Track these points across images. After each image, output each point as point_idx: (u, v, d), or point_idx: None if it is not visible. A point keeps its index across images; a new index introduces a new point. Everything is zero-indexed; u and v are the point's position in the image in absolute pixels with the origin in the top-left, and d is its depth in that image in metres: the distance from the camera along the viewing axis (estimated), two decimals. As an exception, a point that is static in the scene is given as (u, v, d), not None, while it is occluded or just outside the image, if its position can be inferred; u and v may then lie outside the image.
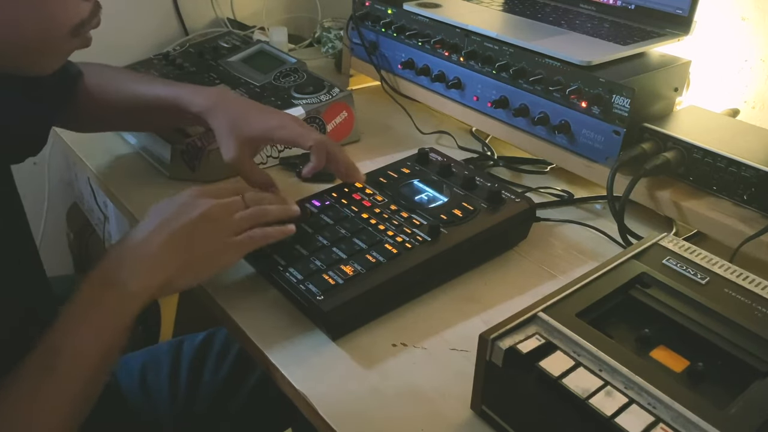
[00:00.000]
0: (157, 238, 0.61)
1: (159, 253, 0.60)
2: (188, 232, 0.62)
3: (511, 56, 0.91)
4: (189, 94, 0.81)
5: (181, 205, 0.63)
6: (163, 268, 0.60)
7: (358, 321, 0.66)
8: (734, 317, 0.54)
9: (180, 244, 0.61)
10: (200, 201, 0.64)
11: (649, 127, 0.82)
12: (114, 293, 0.57)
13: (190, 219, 0.62)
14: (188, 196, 0.65)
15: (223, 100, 0.80)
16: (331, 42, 1.35)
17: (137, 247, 0.60)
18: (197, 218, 0.62)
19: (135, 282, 0.58)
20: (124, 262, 0.59)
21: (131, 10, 1.41)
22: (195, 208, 0.63)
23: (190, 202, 0.64)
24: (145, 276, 0.59)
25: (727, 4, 0.94)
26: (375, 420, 0.57)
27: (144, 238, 0.61)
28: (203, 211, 0.63)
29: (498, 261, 0.77)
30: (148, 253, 0.60)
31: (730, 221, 0.75)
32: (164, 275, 0.60)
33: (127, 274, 0.58)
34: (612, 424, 0.45)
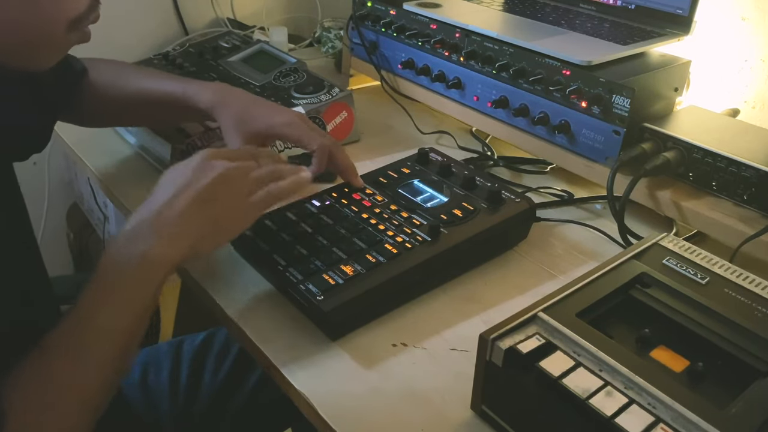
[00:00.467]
0: (178, 203, 0.60)
1: (181, 218, 0.59)
2: (208, 195, 0.61)
3: (511, 56, 0.91)
4: (196, 89, 0.81)
5: (196, 169, 0.62)
6: (186, 233, 0.59)
7: (358, 321, 0.66)
8: (734, 317, 0.54)
9: (201, 207, 0.60)
10: (215, 163, 0.63)
11: (649, 127, 0.82)
12: (137, 262, 0.56)
13: (208, 181, 0.61)
14: (201, 159, 0.64)
15: (228, 95, 0.80)
16: (331, 42, 1.35)
17: (158, 214, 0.59)
18: (215, 180, 0.62)
19: (158, 249, 0.57)
20: (145, 229, 0.58)
21: (131, 10, 1.41)
22: (211, 170, 0.62)
23: (205, 165, 0.63)
24: (168, 242, 0.58)
25: (727, 4, 0.94)
26: (375, 420, 0.57)
27: (164, 204, 0.60)
28: (220, 172, 0.62)
29: (498, 261, 0.77)
30: (169, 219, 0.59)
31: (730, 221, 0.75)
32: (187, 240, 0.59)
33: (150, 242, 0.57)
34: (612, 424, 0.45)
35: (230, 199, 0.63)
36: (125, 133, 1.00)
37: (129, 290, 0.56)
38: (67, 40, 0.59)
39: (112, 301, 0.55)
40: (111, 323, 0.55)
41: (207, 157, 0.64)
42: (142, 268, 0.57)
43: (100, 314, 0.54)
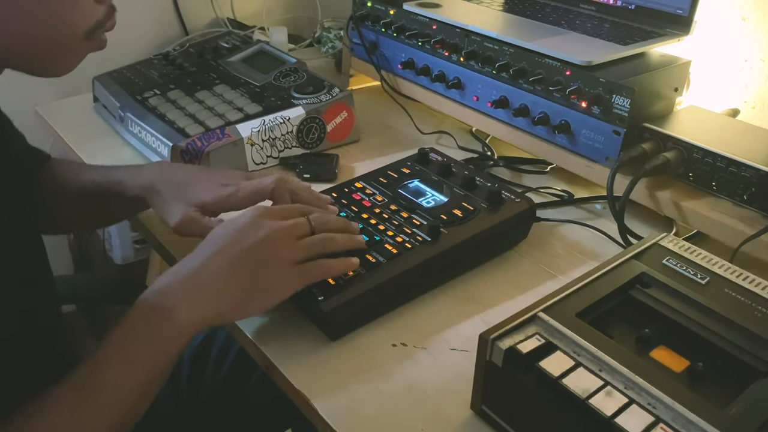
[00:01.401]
0: (215, 266, 0.57)
1: (215, 283, 0.56)
2: (249, 259, 0.58)
3: (511, 56, 0.91)
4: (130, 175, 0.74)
5: (242, 228, 0.59)
6: (219, 300, 0.56)
7: (358, 321, 0.66)
8: (734, 317, 0.54)
9: (239, 272, 0.57)
10: (263, 223, 0.60)
11: (649, 127, 0.82)
12: (162, 326, 0.54)
13: (251, 243, 0.58)
14: (251, 217, 0.60)
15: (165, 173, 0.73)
16: (331, 42, 1.35)
17: (192, 276, 0.56)
18: (259, 242, 0.58)
19: (186, 314, 0.54)
20: (175, 291, 0.55)
21: (131, 10, 1.41)
22: (257, 231, 0.59)
23: (253, 224, 0.60)
24: (198, 308, 0.55)
25: (727, 4, 0.94)
26: (375, 420, 0.57)
27: (200, 266, 0.57)
28: (266, 234, 0.59)
29: (498, 261, 0.77)
30: (203, 283, 0.56)
31: (730, 221, 0.75)
32: (219, 308, 0.56)
33: (178, 306, 0.54)
34: (612, 424, 0.45)
35: (272, 264, 0.59)
36: (125, 134, 1.00)
37: (148, 350, 0.54)
38: (84, 48, 0.59)
39: (129, 358, 0.53)
40: (124, 380, 0.52)
41: (258, 215, 0.60)
42: (168, 328, 0.54)
43: (111, 374, 0.52)
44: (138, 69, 1.10)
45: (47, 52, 0.58)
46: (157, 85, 1.04)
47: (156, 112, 0.97)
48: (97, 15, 0.58)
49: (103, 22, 0.59)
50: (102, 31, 0.60)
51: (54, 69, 0.60)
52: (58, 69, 0.60)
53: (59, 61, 0.60)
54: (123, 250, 1.52)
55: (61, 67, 0.60)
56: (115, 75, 1.08)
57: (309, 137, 0.98)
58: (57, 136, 1.05)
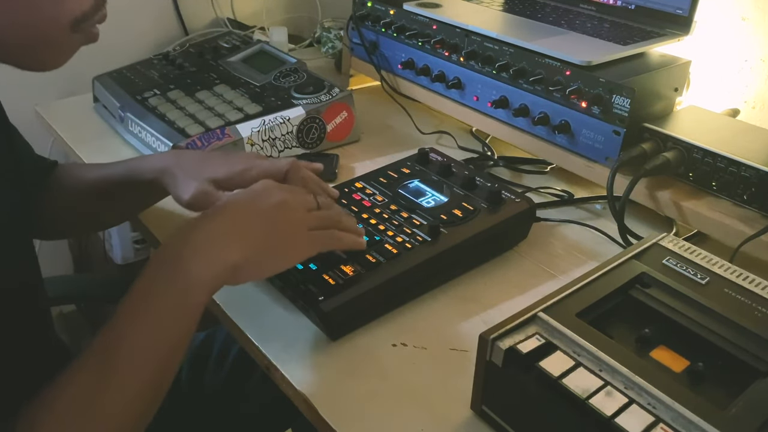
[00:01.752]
0: (231, 223, 0.56)
1: (231, 238, 0.56)
2: (265, 219, 0.58)
3: (511, 56, 0.91)
4: (142, 161, 0.76)
5: (258, 193, 0.60)
6: (234, 255, 0.55)
7: (358, 321, 0.66)
8: (734, 317, 0.54)
9: (255, 230, 0.57)
10: (277, 191, 0.61)
11: (649, 127, 0.82)
12: (178, 280, 0.53)
13: (267, 206, 0.59)
14: (263, 186, 0.61)
15: (177, 157, 0.74)
16: (331, 42, 1.35)
17: (208, 231, 0.55)
18: (275, 206, 0.59)
19: (202, 268, 0.53)
20: (191, 244, 0.54)
21: (131, 10, 1.41)
22: (273, 195, 0.60)
23: (267, 191, 0.61)
24: (214, 262, 0.54)
25: (727, 4, 0.94)
26: (375, 420, 0.57)
27: (217, 222, 0.56)
28: (281, 198, 0.60)
29: (498, 261, 0.77)
30: (219, 237, 0.55)
31: (730, 221, 0.75)
32: (230, 263, 0.55)
33: (194, 259, 0.53)
34: (612, 424, 0.45)
35: (288, 226, 0.60)
36: (125, 134, 1.00)
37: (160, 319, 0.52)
38: (72, 41, 0.59)
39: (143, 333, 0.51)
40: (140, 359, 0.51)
41: (270, 186, 0.62)
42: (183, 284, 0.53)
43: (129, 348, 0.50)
44: (138, 69, 1.10)
45: (34, 45, 0.57)
46: (157, 85, 1.04)
47: (156, 112, 0.97)
48: (83, 6, 0.57)
49: (91, 13, 0.58)
50: (92, 22, 0.59)
51: (44, 62, 0.59)
52: (48, 62, 0.59)
53: (47, 53, 0.59)
54: (123, 250, 1.52)
55: (51, 60, 0.59)
56: (115, 75, 1.08)
57: (309, 137, 0.98)
58: (57, 136, 1.05)
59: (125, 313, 0.52)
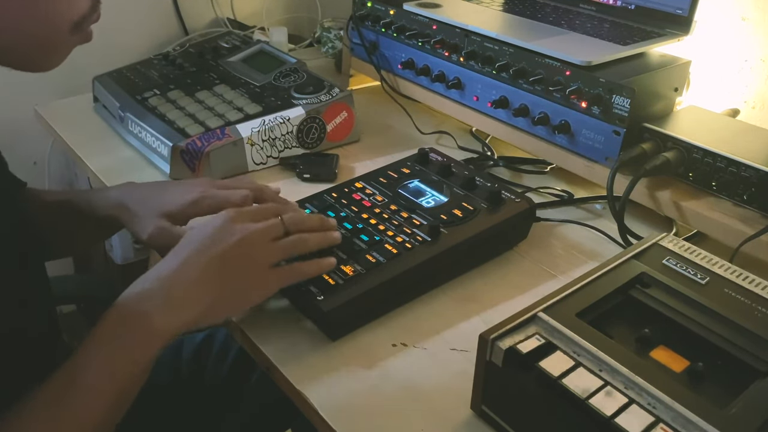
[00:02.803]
0: (189, 271, 0.57)
1: (190, 290, 0.56)
2: (223, 263, 0.58)
3: (511, 56, 0.91)
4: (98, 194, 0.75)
5: (216, 231, 0.59)
6: (194, 305, 0.56)
7: (358, 321, 0.66)
8: (734, 317, 0.54)
9: (213, 276, 0.57)
10: (236, 227, 0.60)
11: (649, 127, 0.82)
12: (137, 330, 0.54)
13: (224, 247, 0.58)
14: (223, 220, 0.60)
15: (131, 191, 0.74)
16: (331, 42, 1.35)
17: (166, 281, 0.56)
18: (233, 246, 0.58)
19: (161, 319, 0.54)
20: (151, 296, 0.55)
21: (131, 10, 1.41)
22: (231, 235, 0.59)
23: (226, 228, 0.59)
24: (173, 313, 0.55)
25: (727, 4, 0.94)
26: (375, 420, 0.57)
27: (174, 271, 0.57)
28: (240, 237, 0.59)
29: (498, 261, 0.77)
30: (177, 287, 0.56)
31: (730, 221, 0.75)
32: (194, 312, 0.56)
33: (153, 311, 0.54)
34: (612, 424, 0.45)
35: (246, 267, 0.59)
36: (125, 134, 1.00)
37: (124, 356, 0.53)
38: (71, 42, 0.59)
39: (104, 364, 0.53)
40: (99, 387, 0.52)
41: (230, 219, 0.60)
42: (144, 333, 0.54)
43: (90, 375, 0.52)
44: (138, 69, 1.10)
45: (34, 48, 0.57)
46: (157, 85, 1.04)
47: (156, 112, 0.97)
48: (82, 8, 0.57)
49: (89, 14, 0.58)
50: (88, 23, 0.59)
51: (42, 64, 0.60)
52: (46, 64, 0.60)
53: (47, 56, 0.59)
54: (123, 250, 1.52)
55: (49, 61, 0.60)
56: (115, 75, 1.08)
57: (309, 137, 0.98)
58: (57, 136, 1.05)
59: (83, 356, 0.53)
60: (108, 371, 0.53)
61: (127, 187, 0.75)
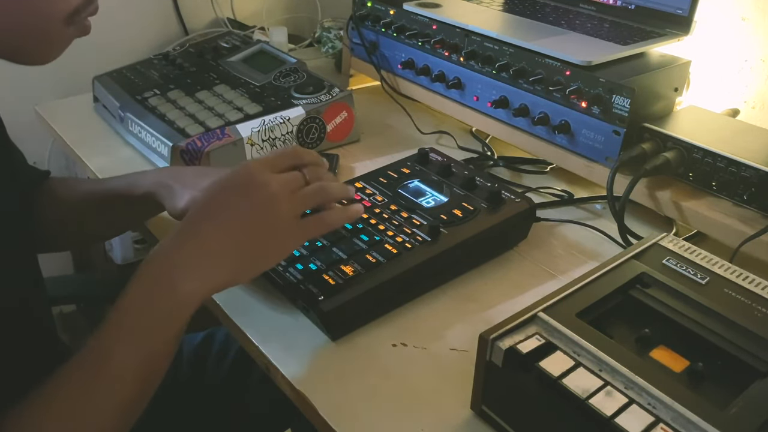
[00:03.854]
0: (214, 232, 0.54)
1: (217, 251, 0.54)
2: (248, 222, 0.55)
3: (511, 56, 0.91)
4: (139, 175, 0.75)
5: (238, 190, 0.56)
6: (223, 267, 0.54)
7: (358, 321, 0.66)
8: (734, 317, 0.54)
9: (240, 236, 0.55)
10: (258, 179, 0.57)
11: (649, 127, 0.82)
12: (166, 299, 0.52)
13: (249, 203, 0.56)
14: (246, 172, 0.57)
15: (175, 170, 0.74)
16: (331, 42, 1.35)
17: (193, 245, 0.54)
18: (257, 201, 0.56)
19: (191, 285, 0.53)
20: (178, 262, 0.53)
21: (131, 9, 1.42)
22: (252, 190, 0.56)
23: (247, 183, 0.57)
24: (202, 278, 0.53)
25: (727, 4, 0.94)
26: (375, 420, 0.57)
27: (201, 234, 0.54)
28: (261, 193, 0.56)
29: (498, 261, 0.77)
30: (205, 251, 0.54)
31: (730, 221, 0.75)
32: (223, 275, 0.55)
33: (181, 277, 0.52)
34: (612, 424, 0.45)
35: (273, 220, 0.56)
36: (125, 133, 1.00)
37: (149, 330, 0.52)
38: (66, 34, 0.59)
39: (132, 339, 0.51)
40: (128, 367, 0.51)
41: (252, 172, 0.57)
42: (167, 305, 0.52)
43: (118, 353, 0.51)
44: (138, 69, 1.10)
45: (30, 41, 0.57)
46: (157, 85, 1.04)
47: (156, 112, 0.97)
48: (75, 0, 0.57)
49: (84, 6, 0.58)
50: (84, 15, 0.59)
51: (39, 57, 0.59)
52: (43, 56, 0.59)
53: (44, 48, 0.59)
54: (123, 250, 1.52)
55: (46, 54, 0.59)
56: (115, 75, 1.08)
57: (309, 137, 0.98)
58: (57, 136, 1.05)
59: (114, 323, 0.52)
60: (139, 341, 0.51)
61: (168, 168, 0.76)
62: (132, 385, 0.52)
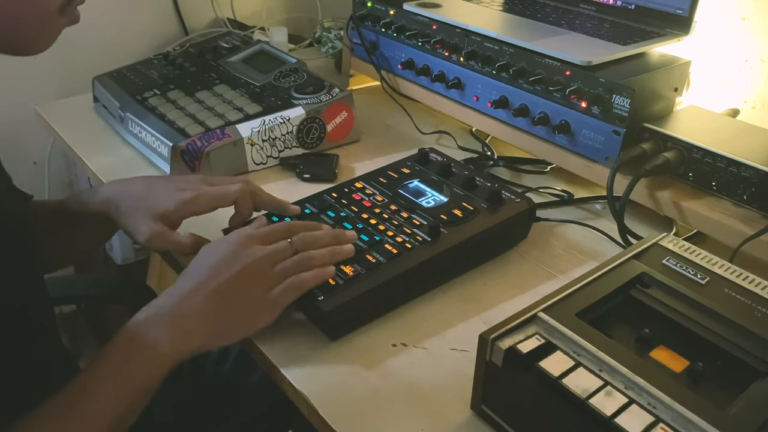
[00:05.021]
0: (193, 301, 0.58)
1: (194, 317, 0.58)
2: (225, 292, 0.59)
3: (511, 56, 0.91)
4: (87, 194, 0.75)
5: (222, 261, 0.60)
6: (198, 333, 0.58)
7: (358, 321, 0.66)
8: (734, 317, 0.54)
9: (217, 306, 0.59)
10: (244, 253, 0.61)
11: (649, 127, 0.82)
12: (143, 355, 0.56)
13: (228, 277, 0.59)
14: (234, 245, 0.61)
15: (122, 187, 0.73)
16: (331, 42, 1.35)
17: (173, 309, 0.58)
18: (236, 275, 0.60)
19: (166, 346, 0.56)
20: (157, 323, 0.57)
21: (131, 10, 1.41)
22: (236, 263, 0.60)
23: (233, 255, 0.61)
24: (178, 340, 0.57)
25: (727, 4, 0.94)
26: (375, 420, 0.57)
27: (181, 300, 0.59)
28: (244, 266, 0.60)
29: (498, 261, 0.77)
30: (182, 316, 0.58)
31: (730, 221, 0.75)
32: (198, 340, 0.58)
33: (159, 338, 0.56)
34: (612, 424, 0.45)
35: (250, 295, 0.60)
36: (125, 134, 1.00)
37: (129, 382, 0.55)
38: (59, 23, 0.60)
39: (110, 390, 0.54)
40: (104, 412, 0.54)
41: (240, 244, 0.61)
42: (151, 359, 0.56)
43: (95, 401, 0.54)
44: (138, 69, 1.10)
45: (23, 31, 0.58)
46: (157, 85, 1.04)
47: (156, 112, 0.97)
48: None
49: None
50: (74, 4, 0.60)
51: (31, 47, 0.60)
52: (36, 46, 0.60)
53: (36, 38, 0.59)
54: (123, 250, 1.52)
55: (39, 44, 0.60)
56: (115, 75, 1.08)
57: (309, 137, 0.98)
58: (57, 136, 1.05)
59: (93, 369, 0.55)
60: (112, 395, 0.54)
61: (115, 184, 0.75)
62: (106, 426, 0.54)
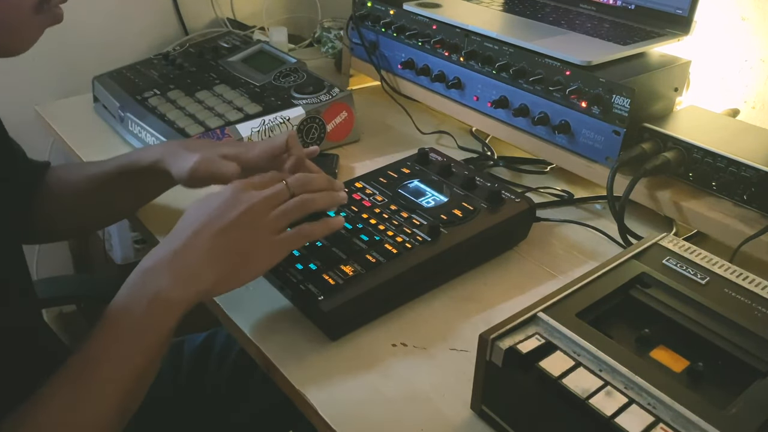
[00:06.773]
0: (197, 245, 0.57)
1: (199, 259, 0.57)
2: (228, 236, 0.58)
3: (511, 56, 0.91)
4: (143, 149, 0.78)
5: (222, 204, 0.60)
6: (204, 275, 0.57)
7: (358, 321, 0.66)
8: (734, 317, 0.54)
9: (221, 249, 0.58)
10: (242, 197, 0.60)
11: (649, 127, 0.82)
12: (152, 303, 0.55)
13: (229, 220, 0.58)
14: (231, 191, 0.61)
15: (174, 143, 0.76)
16: (331, 42, 1.35)
17: (176, 254, 0.57)
18: (237, 218, 0.59)
19: (175, 294, 0.55)
20: (163, 270, 0.56)
21: (131, 10, 1.41)
22: (235, 207, 0.59)
23: (231, 200, 0.60)
24: (186, 287, 0.56)
25: (727, 4, 0.94)
26: (375, 420, 0.57)
27: (184, 243, 0.57)
28: (243, 209, 0.59)
29: (498, 261, 0.77)
30: (188, 261, 0.57)
31: (730, 221, 0.75)
32: (205, 282, 0.57)
33: (164, 283, 0.55)
34: (612, 424, 0.45)
35: (255, 236, 0.60)
36: (125, 134, 1.00)
37: (138, 336, 0.54)
38: (37, 22, 0.59)
39: (120, 349, 0.53)
40: (117, 373, 0.53)
41: (237, 189, 0.61)
42: (153, 312, 0.55)
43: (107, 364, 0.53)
44: (138, 69, 1.10)
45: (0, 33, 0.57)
46: (157, 85, 1.04)
47: (156, 112, 0.97)
48: None
49: None
50: (54, 3, 0.59)
51: (10, 47, 0.59)
52: (14, 46, 0.59)
53: (11, 39, 0.58)
54: (123, 250, 1.52)
55: (17, 44, 0.59)
56: (115, 75, 1.08)
57: (309, 137, 0.98)
58: (57, 136, 1.05)
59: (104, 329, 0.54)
60: (124, 357, 0.53)
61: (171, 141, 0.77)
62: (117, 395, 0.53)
